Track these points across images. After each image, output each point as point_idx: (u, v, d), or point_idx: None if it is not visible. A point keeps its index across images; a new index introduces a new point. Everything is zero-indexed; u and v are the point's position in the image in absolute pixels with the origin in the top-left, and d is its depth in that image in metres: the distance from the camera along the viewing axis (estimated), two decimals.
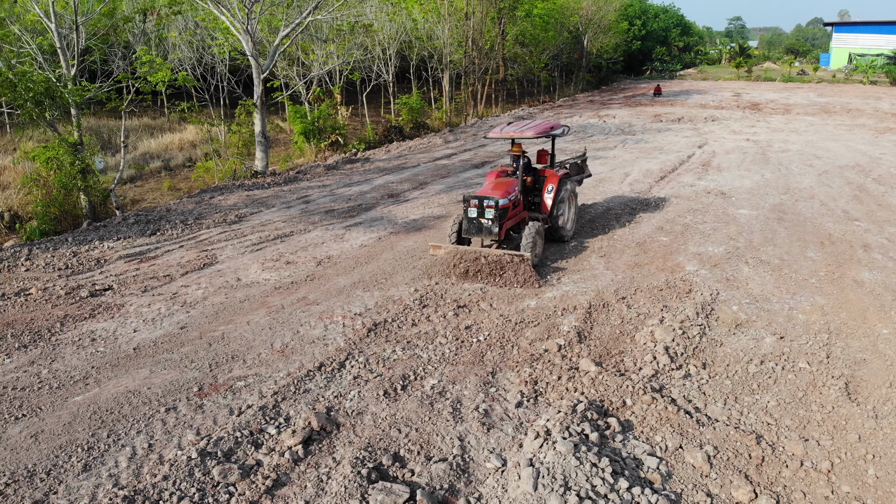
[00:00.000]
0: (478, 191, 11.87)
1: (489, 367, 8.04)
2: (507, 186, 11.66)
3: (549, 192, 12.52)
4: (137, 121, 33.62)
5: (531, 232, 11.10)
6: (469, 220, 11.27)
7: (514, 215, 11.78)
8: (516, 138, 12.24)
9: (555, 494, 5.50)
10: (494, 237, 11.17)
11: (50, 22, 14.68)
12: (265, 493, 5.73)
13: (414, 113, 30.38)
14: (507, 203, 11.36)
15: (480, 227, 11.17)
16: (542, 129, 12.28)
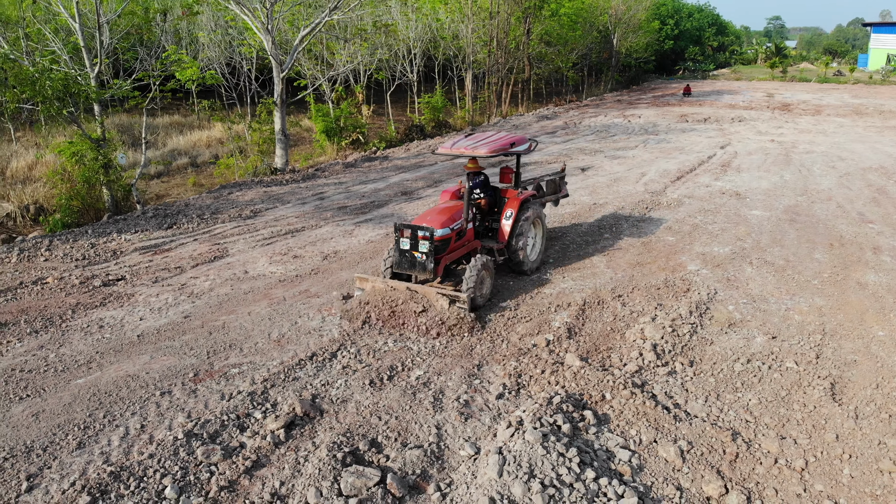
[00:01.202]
0: (415, 218, 10.45)
1: (476, 360, 8.21)
2: (452, 213, 10.08)
3: (508, 218, 10.81)
4: (168, 118, 34.47)
5: (475, 267, 9.53)
6: (401, 253, 9.70)
7: (459, 247, 10.18)
8: (467, 155, 10.17)
9: (518, 481, 5.66)
10: (429, 275, 9.60)
11: (74, 22, 15.24)
12: (244, 473, 5.99)
13: (436, 112, 30.61)
14: (446, 234, 9.73)
15: (413, 262, 9.60)
16: (499, 145, 10.32)
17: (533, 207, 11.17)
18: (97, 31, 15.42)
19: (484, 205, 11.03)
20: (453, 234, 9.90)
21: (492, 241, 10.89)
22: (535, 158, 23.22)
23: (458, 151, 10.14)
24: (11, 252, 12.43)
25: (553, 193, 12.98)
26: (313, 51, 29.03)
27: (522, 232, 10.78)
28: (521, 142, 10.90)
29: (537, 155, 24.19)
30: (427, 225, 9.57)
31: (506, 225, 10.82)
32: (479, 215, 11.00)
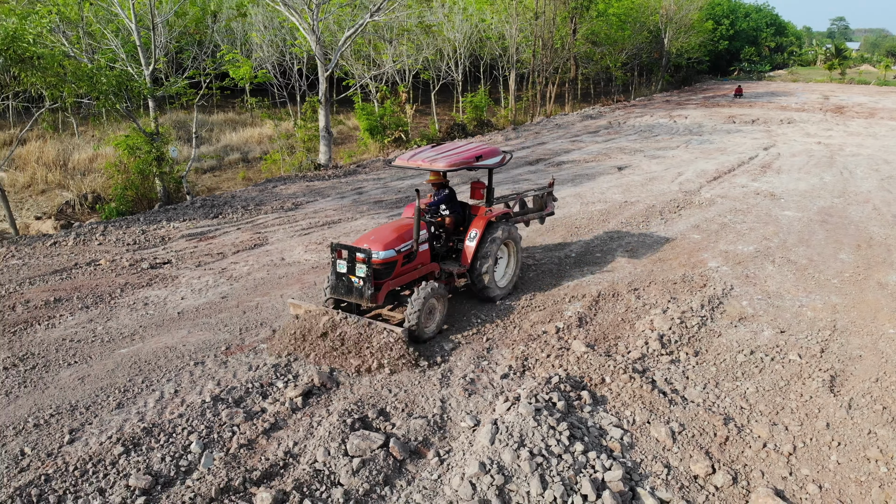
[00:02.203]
0: (360, 237, 9.23)
1: (487, 344, 8.67)
2: (401, 232, 8.96)
3: (472, 239, 9.65)
4: (223, 115, 35.89)
5: (420, 295, 8.43)
6: (337, 277, 8.69)
7: (408, 271, 9.07)
8: (423, 169, 9.16)
9: (508, 449, 6.10)
10: (366, 302, 8.49)
11: (131, 23, 16.27)
12: (262, 434, 6.59)
13: (478, 111, 31.08)
14: (390, 257, 8.66)
15: (350, 288, 8.57)
16: (462, 157, 9.21)
17: (504, 227, 9.94)
18: (152, 31, 16.43)
19: (448, 223, 9.93)
20: (399, 257, 8.80)
21: (454, 264, 9.77)
22: (573, 157, 23.47)
23: (415, 164, 9.09)
24: (69, 236, 13.44)
25: (538, 210, 11.77)
26: (362, 51, 29.89)
27: (488, 255, 9.61)
28: (491, 154, 9.72)
29: (576, 153, 24.43)
30: (366, 246, 8.55)
31: (469, 246, 9.65)
32: (444, 235, 9.88)
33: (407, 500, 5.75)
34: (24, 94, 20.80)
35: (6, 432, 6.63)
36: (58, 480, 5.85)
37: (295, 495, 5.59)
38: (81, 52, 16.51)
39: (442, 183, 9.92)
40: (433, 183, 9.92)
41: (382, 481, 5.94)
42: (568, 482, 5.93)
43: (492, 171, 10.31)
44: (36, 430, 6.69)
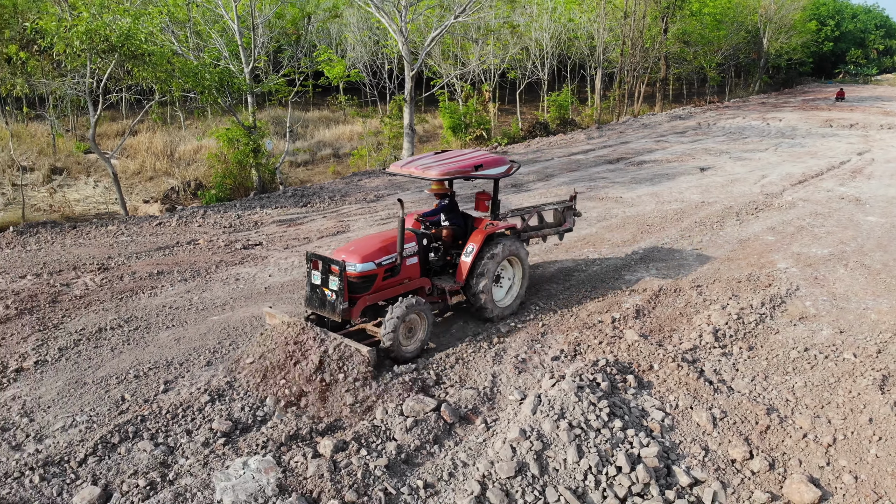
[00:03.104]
0: (340, 247, 8.68)
1: (542, 329, 9.14)
2: (386, 243, 8.43)
3: (468, 254, 8.98)
4: (318, 113, 37.59)
5: (396, 313, 7.84)
6: (312, 289, 8.27)
7: (391, 286, 8.48)
8: (416, 177, 8.65)
9: (549, 419, 6.59)
10: (338, 317, 7.99)
11: (233, 23, 17.63)
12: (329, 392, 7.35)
13: (562, 110, 31.28)
14: (368, 270, 8.12)
15: (323, 301, 8.12)
16: (457, 166, 8.66)
17: (507, 243, 9.25)
18: (252, 31, 17.74)
19: (446, 235, 9.35)
20: (380, 271, 8.24)
21: (449, 280, 9.14)
22: (655, 157, 23.38)
23: (407, 172, 8.58)
24: (172, 218, 14.82)
25: (556, 225, 11.20)
26: (449, 51, 30.69)
27: (485, 272, 8.90)
28: (494, 164, 9.10)
29: (659, 153, 24.30)
30: (345, 258, 8.08)
31: (465, 262, 8.99)
32: (441, 248, 9.27)
33: (453, 458, 6.34)
34: (136, 87, 22.74)
35: (110, 381, 7.70)
36: (152, 421, 6.80)
37: (353, 445, 6.30)
38: (189, 51, 18.01)
39: (444, 193, 9.34)
40: (435, 193, 9.38)
41: (432, 440, 6.56)
42: (604, 454, 6.35)
43: (497, 182, 9.63)
44: (136, 380, 7.71)
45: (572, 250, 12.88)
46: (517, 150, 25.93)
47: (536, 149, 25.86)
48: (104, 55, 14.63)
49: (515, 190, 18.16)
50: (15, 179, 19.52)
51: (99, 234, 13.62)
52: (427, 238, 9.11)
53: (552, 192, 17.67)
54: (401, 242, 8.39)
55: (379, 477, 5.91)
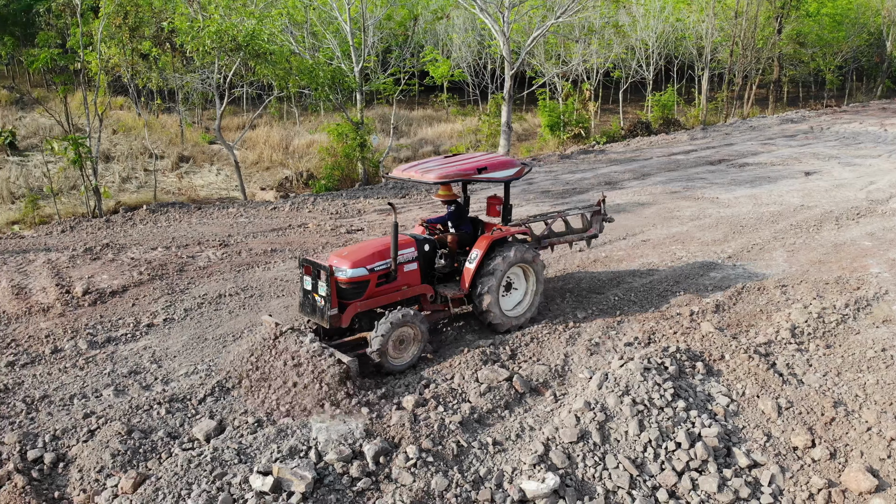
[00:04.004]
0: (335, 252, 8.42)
1: (619, 317, 9.56)
2: (381, 249, 8.24)
3: (472, 261, 8.64)
4: (421, 112, 38.87)
5: (385, 323, 7.67)
6: (304, 294, 8.23)
7: (385, 292, 8.25)
8: (415, 180, 8.38)
9: (613, 395, 7.08)
10: (326, 324, 7.87)
11: (345, 25, 18.89)
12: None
13: (665, 110, 30.92)
14: (359, 276, 7.91)
15: (314, 307, 8.03)
16: (458, 169, 8.35)
17: (516, 249, 8.80)
18: (362, 32, 18.93)
19: (451, 242, 9.02)
20: (372, 277, 8.04)
21: (453, 287, 8.84)
22: (759, 160, 22.87)
23: (407, 175, 8.39)
24: (286, 204, 16.20)
25: (581, 231, 10.73)
26: (553, 51, 31.05)
27: (489, 279, 8.55)
28: (502, 166, 8.73)
29: (764, 156, 23.72)
30: (334, 263, 7.97)
31: (468, 269, 8.64)
32: (446, 254, 8.95)
33: (521, 422, 6.96)
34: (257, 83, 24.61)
35: (227, 338, 8.83)
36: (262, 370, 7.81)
37: (432, 402, 7.05)
38: (305, 50, 19.46)
39: (451, 199, 9.05)
40: (442, 199, 9.06)
41: (503, 405, 7.21)
42: (664, 430, 6.78)
43: (508, 185, 9.21)
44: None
45: (659, 247, 13.11)
46: (616, 148, 26.00)
47: (636, 148, 25.83)
48: (231, 53, 16.19)
49: (609, 188, 18.41)
50: (147, 165, 21.70)
51: (220, 216, 15.15)
52: (429, 244, 8.77)
53: (645, 191, 17.80)
54: (394, 248, 8.10)
55: (453, 430, 6.62)
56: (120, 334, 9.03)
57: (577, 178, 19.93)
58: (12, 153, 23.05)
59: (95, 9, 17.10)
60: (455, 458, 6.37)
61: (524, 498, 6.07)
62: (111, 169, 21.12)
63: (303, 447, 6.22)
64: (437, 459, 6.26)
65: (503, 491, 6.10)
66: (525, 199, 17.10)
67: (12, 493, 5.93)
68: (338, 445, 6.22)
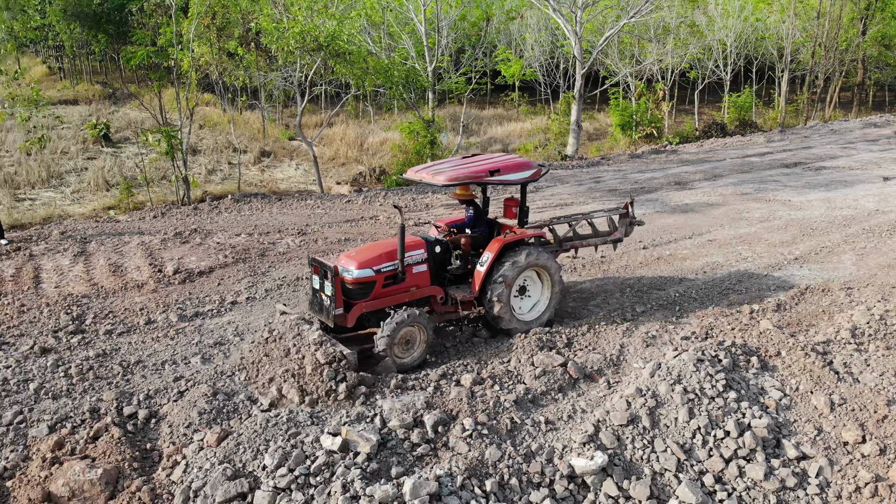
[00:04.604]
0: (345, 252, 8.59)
1: (678, 312, 9.76)
2: (389, 249, 8.34)
3: (483, 264, 8.57)
4: (492, 111, 39.30)
5: (391, 323, 7.82)
6: (313, 292, 8.39)
7: (392, 293, 8.32)
8: (426, 182, 8.37)
9: (665, 383, 7.34)
10: (331, 322, 8.05)
11: (420, 26, 19.52)
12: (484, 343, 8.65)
13: (742, 111, 30.31)
14: (365, 276, 8.04)
15: (321, 306, 8.21)
16: (469, 171, 8.30)
17: (529, 252, 8.70)
18: (436, 33, 19.53)
19: (464, 244, 8.97)
20: (379, 278, 8.13)
21: (465, 290, 8.79)
22: (837, 164, 22.24)
23: (419, 177, 8.37)
24: (359, 197, 16.96)
25: (605, 234, 10.52)
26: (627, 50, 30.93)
27: (500, 282, 8.50)
28: (516, 168, 8.63)
29: (843, 160, 23.04)
30: (343, 263, 8.13)
31: (479, 272, 8.59)
32: (462, 256, 8.98)
33: (573, 404, 7.32)
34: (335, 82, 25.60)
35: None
36: None
37: (489, 381, 7.49)
38: (381, 50, 20.22)
39: (469, 199, 9.05)
40: (459, 199, 9.10)
41: (557, 388, 7.58)
42: (714, 419, 7.00)
43: (525, 187, 9.20)
44: None
45: (725, 247, 13.13)
46: (688, 149, 25.74)
47: (709, 149, 25.50)
48: (312, 53, 17.06)
49: (678, 188, 18.38)
50: (231, 159, 22.97)
51: (299, 206, 16.04)
52: (441, 246, 8.76)
53: (716, 192, 17.70)
54: (401, 250, 8.15)
55: (507, 408, 7.05)
56: (206, 310, 9.89)
57: (646, 177, 19.94)
58: (106, 145, 24.82)
59: (185, 9, 18.27)
60: (508, 432, 6.80)
61: (573, 473, 6.44)
62: (198, 161, 22.47)
63: (369, 414, 6.78)
64: (491, 433, 6.70)
65: (553, 465, 6.49)
66: (591, 196, 17.30)
67: (109, 443, 6.72)
68: (400, 414, 6.75)
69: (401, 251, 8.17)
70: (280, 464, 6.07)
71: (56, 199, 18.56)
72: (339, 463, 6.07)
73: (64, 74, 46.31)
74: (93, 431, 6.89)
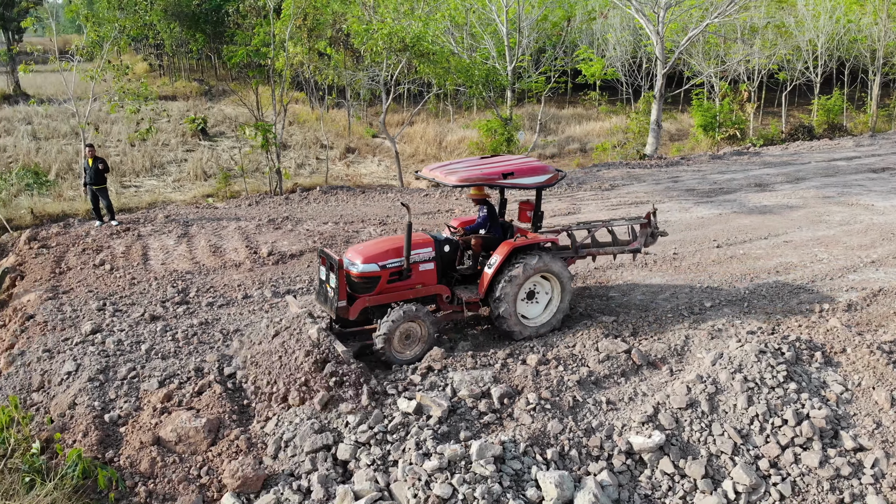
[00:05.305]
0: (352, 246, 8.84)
1: (746, 308, 9.93)
2: (394, 246, 8.44)
3: (491, 267, 8.55)
4: (571, 110, 39.35)
5: (390, 318, 7.96)
6: (320, 283, 8.58)
7: (400, 289, 8.40)
8: (439, 181, 8.43)
9: (725, 371, 7.63)
10: (334, 314, 8.21)
11: (502, 27, 20.06)
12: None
13: (831, 115, 29.34)
14: (370, 271, 8.17)
15: (326, 297, 8.36)
16: (481, 173, 8.30)
17: (538, 257, 8.65)
18: (517, 33, 20.02)
19: (474, 245, 8.95)
20: (384, 273, 8.25)
21: (472, 290, 8.81)
22: None
23: (432, 175, 8.50)
24: (435, 192, 17.69)
25: (624, 244, 10.33)
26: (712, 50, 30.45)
27: (507, 285, 8.46)
28: (531, 172, 8.58)
29: None
30: (349, 257, 8.33)
31: (486, 274, 8.59)
32: (473, 257, 9.05)
33: (635, 388, 7.72)
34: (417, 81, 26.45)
35: None
36: None
37: (553, 362, 7.98)
38: (463, 51, 20.87)
39: (483, 199, 9.07)
40: (474, 199, 9.17)
41: (619, 373, 7.99)
42: (773, 407, 7.26)
43: (540, 191, 9.16)
44: None
45: (801, 248, 13.07)
46: (772, 151, 25.23)
47: (794, 152, 24.93)
48: (398, 53, 17.88)
49: (758, 189, 18.21)
50: (319, 154, 24.17)
51: (381, 199, 16.90)
52: (450, 245, 8.82)
53: (796, 195, 17.45)
54: (407, 247, 8.26)
55: (570, 387, 7.52)
56: (297, 288, 10.79)
57: (725, 178, 19.80)
58: (203, 138, 26.54)
59: (278, 10, 19.42)
60: (570, 409, 7.27)
61: (631, 450, 6.86)
62: (288, 156, 23.77)
63: (441, 383, 7.41)
64: (553, 408, 7.19)
65: (612, 441, 6.93)
66: (667, 195, 17.40)
67: (211, 398, 7.59)
68: (469, 385, 7.33)
69: (407, 248, 8.28)
70: (361, 421, 6.77)
71: (158, 186, 20.15)
72: (414, 424, 6.72)
73: (163, 71, 49.33)
74: (197, 387, 7.79)
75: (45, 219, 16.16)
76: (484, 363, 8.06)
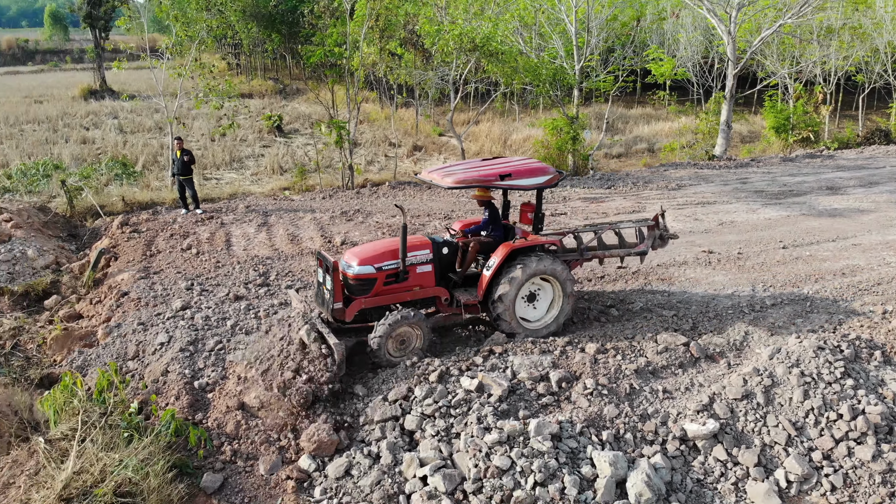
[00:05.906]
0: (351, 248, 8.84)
1: (808, 308, 9.98)
2: (391, 248, 8.44)
3: (489, 269, 8.53)
4: (640, 110, 39.05)
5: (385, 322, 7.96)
6: (318, 285, 8.64)
7: (396, 291, 8.40)
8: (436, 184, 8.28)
9: (783, 366, 7.78)
10: (330, 315, 8.22)
11: (571, 26, 20.28)
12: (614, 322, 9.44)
13: None
14: (366, 273, 8.17)
15: (323, 298, 8.40)
16: (478, 175, 8.17)
17: (538, 260, 8.61)
18: (586, 33, 20.21)
19: (473, 247, 8.84)
20: (380, 275, 8.25)
21: (471, 292, 8.77)
22: None
23: (430, 177, 8.33)
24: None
25: (630, 246, 10.12)
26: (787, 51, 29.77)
27: (505, 288, 8.42)
28: (530, 173, 8.46)
29: None
30: (345, 259, 8.36)
31: (484, 276, 8.59)
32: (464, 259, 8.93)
33: (692, 379, 7.96)
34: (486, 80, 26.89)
35: None
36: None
37: (612, 351, 8.30)
38: (531, 50, 21.19)
39: (487, 201, 8.96)
40: (478, 201, 9.07)
41: (677, 364, 8.24)
42: (828, 402, 7.39)
43: (541, 193, 9.05)
44: None
45: (869, 251, 12.90)
46: (846, 155, 24.56)
47: (869, 156, 24.19)
48: (468, 53, 18.37)
49: (829, 192, 17.89)
50: (388, 152, 24.91)
51: (446, 195, 17.39)
52: (449, 247, 8.81)
53: (868, 199, 17.08)
54: (403, 249, 8.22)
55: (627, 375, 7.83)
56: None
57: (796, 180, 19.49)
58: (279, 135, 27.70)
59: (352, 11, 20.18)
60: (626, 395, 7.59)
61: (685, 437, 7.13)
62: (358, 153, 24.61)
63: (501, 366, 7.84)
64: (610, 393, 7.52)
65: (666, 427, 7.21)
66: (735, 197, 17.31)
67: None
68: (529, 369, 7.74)
69: (402, 250, 8.24)
70: (427, 395, 7.28)
71: (237, 179, 21.26)
72: (475, 400, 7.18)
73: (240, 70, 51.30)
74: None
75: (134, 206, 17.39)
76: (543, 349, 8.43)
